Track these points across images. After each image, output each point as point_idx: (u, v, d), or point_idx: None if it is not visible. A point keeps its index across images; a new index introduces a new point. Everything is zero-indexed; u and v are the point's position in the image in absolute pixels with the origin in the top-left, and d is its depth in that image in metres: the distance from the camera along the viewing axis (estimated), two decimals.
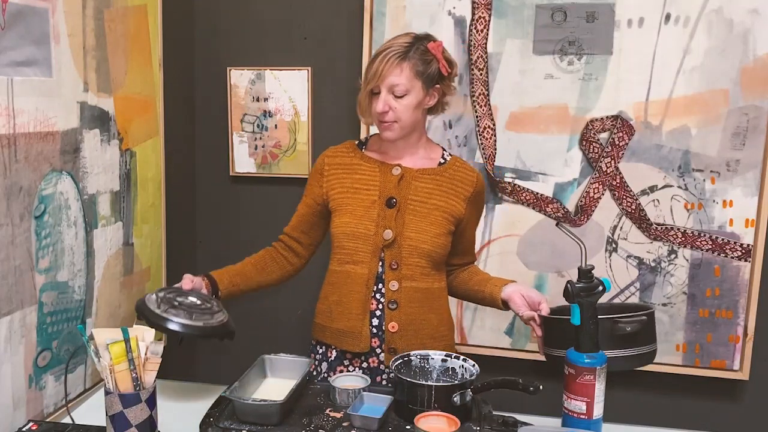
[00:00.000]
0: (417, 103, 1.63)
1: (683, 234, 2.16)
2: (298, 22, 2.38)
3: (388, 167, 1.70)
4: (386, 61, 1.59)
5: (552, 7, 2.13)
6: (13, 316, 1.48)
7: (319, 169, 1.77)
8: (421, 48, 1.61)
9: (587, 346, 1.48)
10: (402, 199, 1.67)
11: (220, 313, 1.63)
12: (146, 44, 2.05)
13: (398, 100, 1.61)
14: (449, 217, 1.68)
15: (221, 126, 2.47)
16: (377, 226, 1.66)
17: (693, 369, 2.21)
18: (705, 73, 2.08)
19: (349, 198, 1.70)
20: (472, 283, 1.78)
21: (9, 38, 1.43)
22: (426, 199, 1.68)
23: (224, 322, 1.61)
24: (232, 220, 2.56)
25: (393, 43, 1.62)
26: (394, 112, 1.61)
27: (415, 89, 1.61)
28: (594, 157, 2.18)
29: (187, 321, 1.54)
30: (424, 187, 1.68)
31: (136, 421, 1.32)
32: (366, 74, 1.64)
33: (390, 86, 1.60)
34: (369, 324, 1.68)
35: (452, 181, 1.70)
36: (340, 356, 1.73)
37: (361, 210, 1.68)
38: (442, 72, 1.64)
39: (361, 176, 1.71)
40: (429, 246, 1.66)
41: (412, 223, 1.66)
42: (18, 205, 1.48)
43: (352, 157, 1.74)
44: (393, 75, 1.59)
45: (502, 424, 1.45)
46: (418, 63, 1.60)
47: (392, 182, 1.68)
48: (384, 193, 1.68)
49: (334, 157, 1.76)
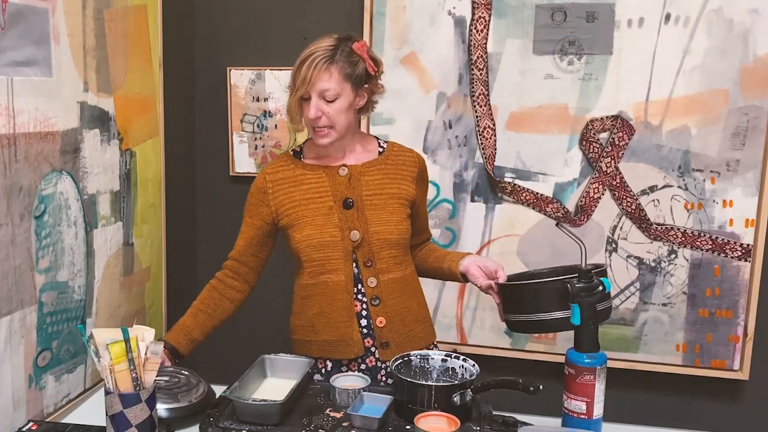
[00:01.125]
0: (348, 106, 1.62)
1: (683, 234, 2.16)
2: (298, 22, 2.38)
3: (334, 170, 1.69)
4: (314, 67, 1.56)
5: (552, 7, 2.13)
6: (13, 316, 1.48)
7: (261, 188, 1.72)
8: (347, 50, 1.60)
9: (587, 346, 1.48)
10: (357, 197, 1.67)
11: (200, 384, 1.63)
12: (146, 44, 2.05)
13: (330, 105, 1.59)
14: (404, 202, 1.71)
15: (221, 126, 2.47)
16: (342, 230, 1.65)
17: (693, 369, 2.21)
18: (705, 73, 2.08)
19: (304, 209, 1.67)
20: (431, 260, 1.80)
21: (9, 38, 1.43)
22: (379, 191, 1.69)
23: (206, 394, 1.60)
24: (232, 220, 2.55)
25: (317, 48, 1.59)
26: (327, 116, 1.60)
27: (345, 92, 1.60)
28: (594, 157, 2.18)
29: (175, 404, 1.52)
30: (374, 180, 1.69)
31: (136, 421, 1.31)
32: (294, 81, 1.60)
33: (320, 91, 1.58)
34: (358, 327, 1.68)
35: (396, 166, 1.72)
36: (337, 365, 1.71)
37: (320, 219, 1.66)
38: (369, 71, 1.63)
39: (309, 186, 1.68)
40: (395, 235, 1.67)
41: (374, 217, 1.67)
42: (18, 205, 1.48)
43: (294, 169, 1.71)
44: (322, 80, 1.57)
45: (502, 424, 1.44)
46: (345, 65, 1.59)
47: (343, 183, 1.68)
48: (338, 195, 1.67)
49: (275, 174, 1.72)
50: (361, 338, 1.68)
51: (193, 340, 1.74)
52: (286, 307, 2.55)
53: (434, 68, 2.23)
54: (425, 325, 1.77)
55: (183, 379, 1.62)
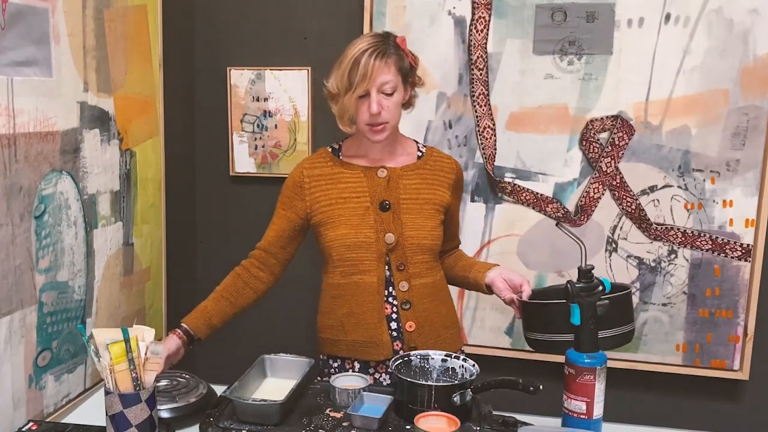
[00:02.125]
0: (401, 100, 1.62)
1: (683, 234, 2.16)
2: (298, 22, 2.38)
3: (373, 171, 1.68)
4: (372, 61, 1.53)
5: (552, 7, 2.13)
6: (13, 316, 1.48)
7: (298, 182, 1.70)
8: (393, 44, 1.60)
9: (587, 346, 1.48)
10: (394, 200, 1.66)
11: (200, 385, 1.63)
12: (146, 44, 2.05)
13: (389, 98, 1.58)
14: (439, 208, 1.70)
15: (221, 126, 2.47)
16: (377, 232, 1.64)
17: (693, 369, 2.21)
18: (705, 73, 2.08)
19: (340, 208, 1.65)
20: (457, 269, 1.79)
21: (9, 38, 1.43)
22: (416, 195, 1.68)
23: (205, 394, 1.60)
24: (232, 220, 2.56)
25: (367, 44, 1.56)
26: (386, 111, 1.58)
27: (399, 85, 1.60)
28: (594, 157, 2.18)
29: (175, 404, 1.53)
30: (412, 184, 1.68)
31: (136, 421, 1.31)
32: (349, 79, 1.55)
33: (380, 85, 1.56)
34: (388, 329, 1.67)
35: (434, 172, 1.72)
36: (365, 366, 1.71)
37: (356, 219, 1.64)
38: (413, 65, 1.64)
39: (347, 185, 1.67)
40: (429, 241, 1.67)
41: (409, 221, 1.66)
42: (18, 205, 1.48)
43: (332, 166, 1.70)
44: (383, 73, 1.55)
45: (502, 424, 1.44)
46: (397, 59, 1.58)
47: (381, 185, 1.67)
48: (375, 197, 1.66)
49: (312, 169, 1.70)
50: (390, 341, 1.67)
51: (212, 326, 1.69)
52: (287, 307, 2.56)
53: (434, 68, 2.23)
54: (453, 330, 1.76)
55: (183, 382, 1.63)
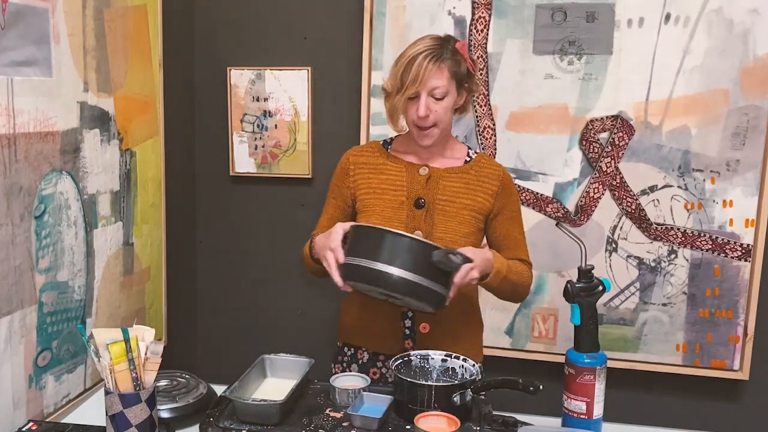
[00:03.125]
0: (453, 105, 1.63)
1: (683, 234, 2.16)
2: (298, 22, 2.38)
3: (415, 167, 1.69)
4: (426, 64, 1.55)
5: (552, 7, 2.13)
6: (13, 316, 1.48)
7: (344, 168, 1.74)
8: (451, 48, 1.61)
9: (587, 346, 1.48)
10: (430, 199, 1.66)
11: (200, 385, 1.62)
12: (146, 44, 2.05)
13: (438, 103, 1.59)
14: (477, 215, 1.67)
15: (221, 126, 2.47)
16: (406, 228, 1.64)
17: (693, 369, 2.21)
18: (705, 73, 2.08)
19: (376, 199, 1.68)
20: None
21: (9, 38, 1.43)
22: (454, 198, 1.66)
23: (205, 394, 1.59)
24: (232, 220, 2.56)
25: (424, 47, 1.58)
26: (434, 115, 1.59)
27: (452, 90, 1.60)
28: (594, 157, 2.18)
29: (175, 404, 1.53)
30: (452, 187, 1.67)
31: (136, 421, 1.31)
32: (401, 80, 1.57)
33: (431, 89, 1.57)
34: (402, 325, 1.68)
35: (478, 178, 1.68)
36: (373, 358, 1.72)
37: (389, 211, 1.66)
38: (471, 71, 1.64)
39: (387, 176, 1.69)
40: (459, 246, 1.62)
41: (441, 223, 1.65)
42: (18, 205, 1.48)
43: (378, 157, 1.72)
44: (434, 78, 1.56)
45: (502, 424, 1.44)
46: (452, 64, 1.59)
47: (420, 182, 1.67)
48: (412, 193, 1.67)
49: (359, 156, 1.73)
50: (402, 338, 1.68)
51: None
52: (287, 307, 2.56)
53: None
54: (470, 343, 1.73)
55: (183, 382, 1.63)
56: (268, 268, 2.55)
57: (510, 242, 1.72)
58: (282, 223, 2.51)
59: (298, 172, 2.43)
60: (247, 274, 2.57)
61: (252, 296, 2.59)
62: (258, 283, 2.57)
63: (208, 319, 2.63)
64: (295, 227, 2.49)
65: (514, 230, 1.72)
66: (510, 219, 1.72)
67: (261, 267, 2.55)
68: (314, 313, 2.53)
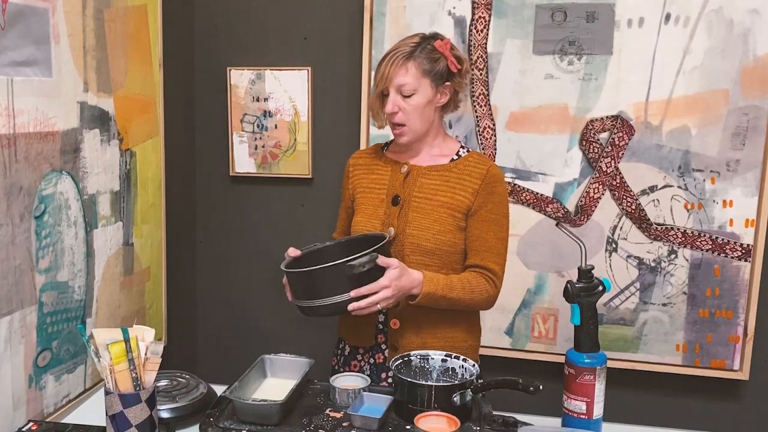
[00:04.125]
0: (426, 102, 1.64)
1: (683, 234, 2.16)
2: (298, 22, 2.38)
3: (398, 166, 1.73)
4: (392, 63, 1.62)
5: (552, 7, 2.13)
6: (13, 316, 1.48)
7: (346, 172, 1.83)
8: (428, 47, 1.64)
9: (587, 346, 1.48)
10: (406, 196, 1.68)
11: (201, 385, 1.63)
12: (146, 44, 2.05)
13: (407, 100, 1.63)
14: (455, 213, 1.65)
15: (221, 126, 2.47)
16: (383, 225, 1.68)
17: (693, 369, 2.21)
18: (705, 73, 2.08)
19: (365, 197, 1.75)
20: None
21: (9, 38, 1.43)
22: (431, 195, 1.67)
23: (206, 393, 1.60)
24: (232, 220, 2.56)
25: (399, 45, 1.66)
26: (403, 112, 1.64)
27: (423, 88, 1.63)
28: (594, 157, 2.18)
29: (175, 404, 1.53)
30: (430, 184, 1.68)
31: (136, 421, 1.31)
32: (375, 77, 1.67)
33: (397, 86, 1.63)
34: (375, 321, 1.71)
35: (460, 176, 1.67)
36: (354, 351, 1.77)
37: (371, 209, 1.72)
38: (452, 69, 1.65)
39: (376, 176, 1.76)
40: (431, 243, 1.65)
41: (415, 220, 1.66)
42: (18, 205, 1.48)
43: (373, 158, 1.80)
44: (399, 75, 1.62)
45: (502, 424, 1.44)
46: (424, 62, 1.62)
47: (399, 180, 1.71)
48: (391, 191, 1.71)
49: (358, 158, 1.82)
50: (375, 333, 1.71)
51: None
52: (287, 307, 2.56)
53: None
54: (447, 344, 1.68)
55: (183, 382, 1.63)
56: (268, 268, 2.55)
57: (480, 245, 1.65)
58: (282, 223, 2.51)
59: (298, 172, 2.43)
60: (247, 274, 2.57)
61: (252, 296, 2.59)
62: (258, 283, 2.57)
63: (208, 319, 2.63)
64: (295, 227, 2.49)
65: (488, 233, 1.65)
66: (487, 221, 1.65)
67: (261, 267, 2.55)
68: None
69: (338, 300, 1.49)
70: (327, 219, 2.43)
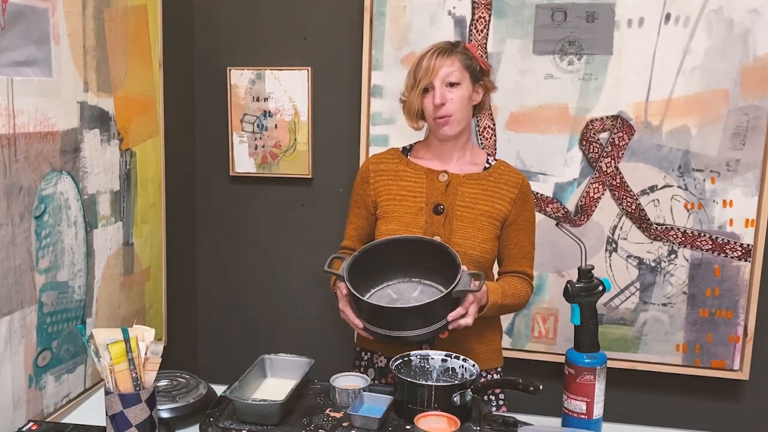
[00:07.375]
0: (468, 96, 1.65)
1: (683, 234, 2.16)
2: (298, 22, 2.38)
3: (435, 173, 1.69)
4: (436, 56, 1.62)
5: (552, 7, 2.13)
6: (13, 316, 1.48)
7: (364, 177, 1.76)
8: (462, 46, 1.67)
9: (587, 346, 1.48)
10: (449, 205, 1.66)
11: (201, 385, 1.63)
12: (146, 44, 2.05)
13: (453, 91, 1.62)
14: (494, 221, 1.67)
15: (221, 126, 2.47)
16: (425, 233, 1.64)
17: (693, 369, 2.21)
18: (705, 73, 2.08)
19: (396, 205, 1.69)
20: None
21: (9, 38, 1.43)
22: (472, 204, 1.66)
23: (205, 393, 1.59)
24: (232, 220, 2.56)
25: (433, 45, 1.66)
26: (450, 103, 1.62)
27: (465, 80, 1.64)
28: (594, 157, 2.18)
29: (175, 404, 1.53)
30: (471, 193, 1.67)
31: (136, 421, 1.31)
32: (415, 75, 1.64)
33: (444, 77, 1.62)
34: None
35: (497, 185, 1.69)
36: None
37: (408, 217, 1.67)
38: (484, 68, 1.68)
39: (407, 183, 1.70)
40: (477, 252, 1.64)
41: (460, 229, 1.64)
42: (18, 205, 1.48)
43: (397, 164, 1.74)
44: (446, 66, 1.62)
45: (502, 424, 1.44)
46: (464, 57, 1.64)
47: (439, 189, 1.68)
48: (431, 199, 1.67)
49: (378, 164, 1.75)
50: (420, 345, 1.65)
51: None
52: (287, 307, 2.56)
53: None
54: (489, 348, 1.71)
55: (183, 382, 1.63)
56: (268, 268, 2.55)
57: (518, 252, 1.71)
58: (282, 223, 2.51)
59: (298, 172, 2.43)
60: (247, 274, 2.57)
61: (252, 296, 2.59)
62: (258, 283, 2.57)
63: (208, 319, 2.63)
64: (295, 227, 2.49)
65: (525, 240, 1.71)
66: (524, 229, 1.71)
67: (261, 267, 2.55)
68: (314, 313, 2.53)
69: (438, 327, 1.48)
70: (327, 219, 2.43)
